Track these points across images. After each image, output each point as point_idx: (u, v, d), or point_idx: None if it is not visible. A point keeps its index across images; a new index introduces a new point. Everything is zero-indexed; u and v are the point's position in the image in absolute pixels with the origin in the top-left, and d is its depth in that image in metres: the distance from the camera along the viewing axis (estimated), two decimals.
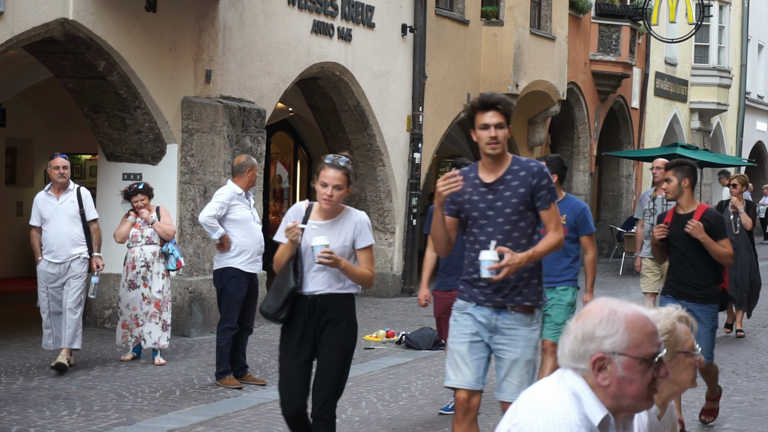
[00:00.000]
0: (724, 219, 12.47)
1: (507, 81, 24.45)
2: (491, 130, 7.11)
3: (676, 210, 10.14)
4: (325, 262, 7.43)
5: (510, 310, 7.17)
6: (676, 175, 9.97)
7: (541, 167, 7.22)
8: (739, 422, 10.93)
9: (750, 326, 18.27)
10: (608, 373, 3.57)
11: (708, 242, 9.77)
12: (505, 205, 7.14)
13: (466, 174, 7.30)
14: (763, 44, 47.24)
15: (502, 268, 6.91)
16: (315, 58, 19.07)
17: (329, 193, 7.62)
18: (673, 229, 10.02)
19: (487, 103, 7.14)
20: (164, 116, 15.74)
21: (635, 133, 34.55)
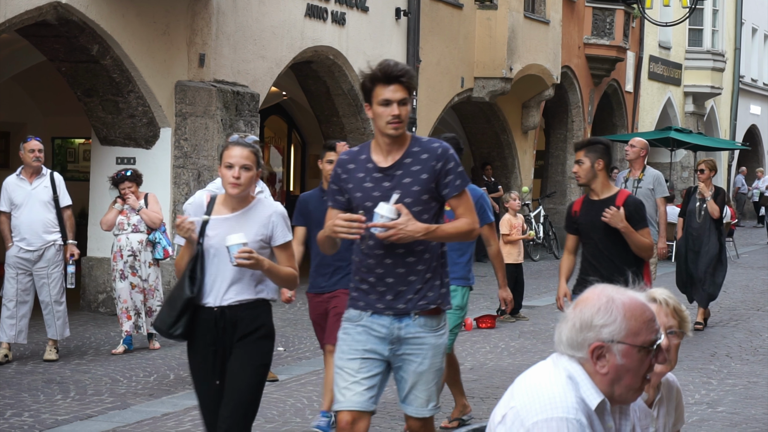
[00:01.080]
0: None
1: (501, 65, 24.42)
2: (393, 107, 5.98)
3: (589, 196, 9.13)
4: (245, 264, 6.36)
5: (414, 316, 6.14)
6: (588, 156, 8.92)
7: (446, 148, 6.14)
8: (732, 405, 10.94)
9: (743, 310, 18.31)
10: (606, 361, 3.57)
11: (629, 232, 8.86)
12: (404, 193, 6.05)
13: (356, 156, 6.26)
14: (757, 28, 47.24)
15: (392, 228, 5.89)
16: (309, 41, 19.04)
17: (236, 175, 6.50)
18: (586, 218, 9.07)
19: (391, 74, 6.00)
20: (158, 100, 15.72)
21: (629, 117, 34.55)
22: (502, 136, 27.66)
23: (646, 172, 14.44)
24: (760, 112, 48.14)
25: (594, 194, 9.04)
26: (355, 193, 6.15)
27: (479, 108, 26.50)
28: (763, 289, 21.48)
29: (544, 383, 3.57)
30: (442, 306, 6.21)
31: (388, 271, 6.12)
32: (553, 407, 3.47)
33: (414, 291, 6.12)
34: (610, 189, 9.05)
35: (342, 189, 6.22)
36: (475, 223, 6.22)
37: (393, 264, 6.11)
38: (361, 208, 6.10)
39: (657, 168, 39.31)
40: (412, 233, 5.91)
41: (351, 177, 6.19)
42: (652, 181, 14.34)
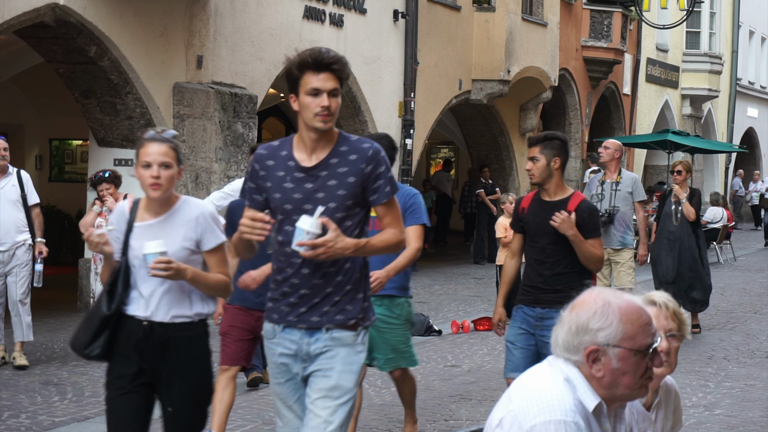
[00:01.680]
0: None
1: (499, 67, 24.43)
2: (323, 98, 5.38)
3: (540, 195, 8.24)
4: (161, 274, 5.72)
5: (326, 330, 5.50)
6: (544, 153, 8.05)
7: (377, 150, 5.51)
8: (730, 408, 10.94)
9: (741, 312, 18.31)
10: (602, 365, 3.57)
11: (578, 241, 7.96)
12: (328, 197, 5.44)
13: (276, 152, 5.61)
14: (754, 30, 47.27)
15: (319, 246, 5.28)
16: (306, 43, 19.01)
17: (155, 174, 5.87)
18: (534, 219, 8.19)
19: (322, 61, 5.42)
20: (155, 102, 15.71)
21: (627, 119, 34.56)
22: (500, 138, 27.66)
23: (623, 174, 14.00)
24: (757, 115, 48.15)
25: (546, 194, 8.18)
26: (274, 194, 5.54)
27: (477, 110, 26.50)
28: (760, 292, 21.48)
29: (541, 386, 3.57)
30: (362, 322, 5.57)
31: (304, 281, 5.52)
32: (551, 410, 3.48)
33: (331, 304, 5.51)
34: (564, 190, 8.18)
35: (259, 187, 5.60)
36: (402, 234, 5.65)
37: (310, 274, 5.50)
38: (279, 211, 5.53)
39: (655, 171, 39.47)
40: (342, 250, 5.33)
41: (269, 175, 5.56)
42: (630, 184, 13.94)
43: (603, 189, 13.84)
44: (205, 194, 16.02)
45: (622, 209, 13.73)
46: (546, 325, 7.85)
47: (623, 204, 13.74)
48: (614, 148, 14.03)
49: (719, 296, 20.60)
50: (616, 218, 13.69)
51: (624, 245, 13.79)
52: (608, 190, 13.79)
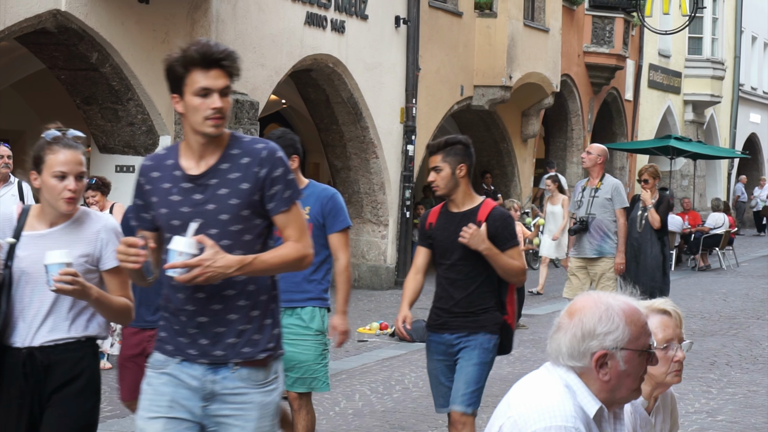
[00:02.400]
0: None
1: (501, 73, 24.43)
2: (214, 99, 4.66)
3: (448, 207, 7.40)
4: (66, 289, 4.94)
5: (233, 366, 4.76)
6: (447, 161, 7.23)
7: (273, 150, 4.76)
8: (732, 414, 10.92)
9: (743, 318, 18.28)
10: (609, 369, 3.57)
11: (493, 255, 7.13)
12: (219, 208, 4.71)
13: (161, 161, 4.86)
14: (756, 36, 47.26)
15: (195, 267, 4.54)
16: (308, 50, 19.04)
17: (72, 188, 5.18)
18: (442, 234, 7.35)
19: (211, 57, 4.70)
20: (157, 108, 15.72)
21: (629, 125, 34.57)
22: (502, 144, 27.66)
23: (604, 180, 13.37)
24: (759, 121, 48.13)
25: (453, 205, 7.35)
26: (160, 209, 4.79)
27: (479, 116, 26.50)
28: (762, 298, 21.46)
29: (541, 392, 3.57)
30: (274, 353, 4.84)
31: (200, 307, 4.75)
32: (551, 416, 3.47)
33: (236, 333, 4.75)
34: (472, 199, 7.34)
35: (147, 204, 4.85)
36: (307, 248, 4.81)
37: (207, 299, 4.73)
38: (166, 229, 4.77)
39: None
40: (223, 270, 4.56)
41: (155, 188, 4.81)
42: (610, 190, 13.30)
43: (583, 195, 13.41)
44: None
45: (599, 216, 13.21)
46: (456, 351, 7.30)
47: (601, 211, 13.21)
48: (597, 153, 13.44)
49: (722, 302, 20.60)
50: (591, 226, 13.23)
51: (601, 254, 13.27)
52: (587, 196, 13.32)
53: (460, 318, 7.28)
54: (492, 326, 7.28)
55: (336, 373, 12.49)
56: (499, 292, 7.36)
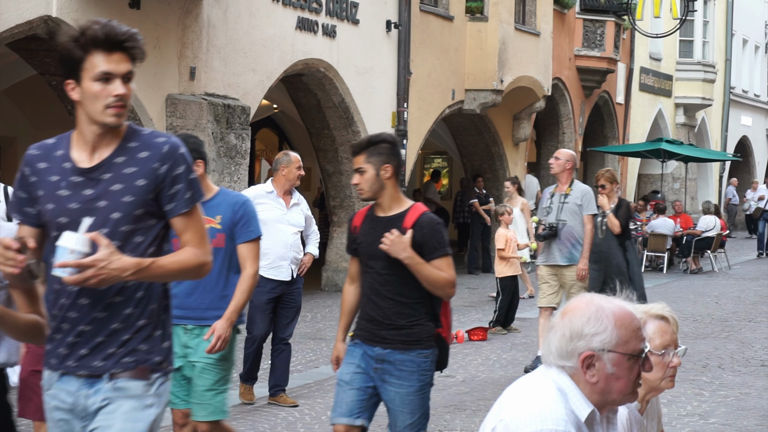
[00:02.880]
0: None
1: (492, 77, 24.45)
2: (116, 85, 4.24)
3: (374, 211, 6.79)
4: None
5: (110, 377, 4.28)
6: (370, 162, 6.60)
7: (175, 146, 4.34)
8: (725, 417, 10.93)
9: (735, 321, 18.30)
10: (597, 370, 3.57)
11: (415, 264, 6.50)
12: (111, 206, 4.26)
13: (50, 152, 4.40)
14: (747, 39, 47.34)
15: (88, 268, 4.09)
16: (299, 54, 19.05)
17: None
18: (366, 239, 6.73)
19: (115, 38, 4.25)
20: (148, 113, 15.71)
21: (620, 129, 34.60)
22: (493, 148, 27.68)
23: (573, 186, 13.14)
24: (751, 123, 48.20)
25: (380, 209, 6.73)
26: (46, 204, 4.32)
27: (470, 120, 26.51)
28: (754, 300, 21.49)
29: (533, 395, 3.57)
30: (159, 366, 4.37)
31: (83, 315, 4.29)
32: (542, 419, 3.48)
33: (118, 344, 4.28)
34: (400, 203, 6.70)
35: (31, 197, 4.36)
36: (206, 255, 4.40)
37: (90, 305, 4.28)
38: (53, 227, 4.30)
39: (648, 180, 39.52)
40: (118, 272, 4.11)
41: (41, 181, 4.34)
42: (580, 196, 13.06)
43: (552, 201, 13.14)
44: None
45: (569, 223, 12.97)
46: (386, 369, 6.65)
47: (571, 217, 12.98)
48: (565, 159, 13.22)
49: (714, 305, 20.62)
50: (562, 233, 12.97)
51: (571, 261, 13.00)
52: (556, 202, 13.06)
53: (392, 331, 6.63)
54: (427, 340, 6.64)
55: (328, 377, 12.48)
56: (431, 304, 6.68)
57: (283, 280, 10.89)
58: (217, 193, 7.21)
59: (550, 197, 13.19)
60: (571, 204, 13.01)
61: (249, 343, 11.11)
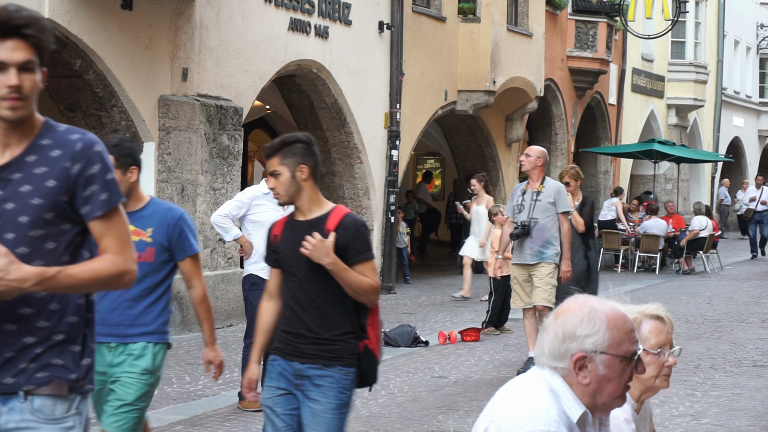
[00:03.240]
0: None
1: (484, 78, 24.47)
2: (10, 75, 3.87)
3: (293, 216, 6.34)
4: None
5: (24, 396, 3.91)
6: (285, 164, 6.21)
7: (89, 143, 3.94)
8: (717, 417, 10.95)
9: (727, 321, 18.32)
10: (589, 372, 3.58)
11: (338, 270, 6.06)
12: (18, 208, 3.88)
13: None
14: (739, 40, 47.41)
15: None
16: (292, 55, 19.05)
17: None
18: (287, 246, 6.24)
19: (8, 23, 3.83)
20: (141, 114, 15.70)
21: (612, 130, 34.64)
22: (486, 148, 27.69)
23: (545, 183, 12.97)
24: (742, 124, 48.27)
25: (299, 213, 6.29)
26: None
27: (463, 121, 26.53)
28: (746, 301, 21.52)
29: (525, 396, 3.58)
30: (78, 385, 3.98)
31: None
32: (534, 420, 3.48)
33: (30, 358, 3.90)
34: (321, 205, 6.28)
35: None
36: (127, 263, 3.96)
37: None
38: None
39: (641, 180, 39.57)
40: (18, 283, 3.71)
41: None
42: (552, 193, 12.88)
43: (523, 199, 12.91)
44: (192, 207, 16.01)
45: (541, 221, 12.81)
46: (305, 385, 6.17)
47: (543, 215, 12.81)
48: (536, 155, 13.01)
49: (706, 305, 20.65)
50: (534, 231, 12.79)
51: (541, 260, 12.81)
52: (528, 200, 12.84)
53: (312, 345, 6.13)
54: (349, 357, 6.16)
55: None
56: (357, 314, 6.25)
57: None
58: (148, 203, 6.70)
59: (522, 194, 12.96)
60: (544, 202, 12.84)
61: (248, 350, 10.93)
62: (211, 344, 6.85)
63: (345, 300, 6.19)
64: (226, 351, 14.33)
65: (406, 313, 18.76)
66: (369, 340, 6.33)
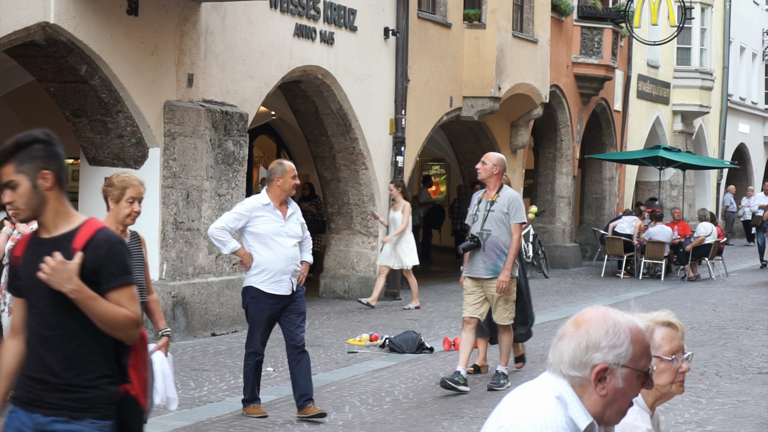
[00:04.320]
0: None
1: (489, 84, 24.46)
2: None
3: (38, 233, 5.09)
4: None
5: None
6: (23, 171, 4.95)
7: None
8: (722, 424, 10.93)
9: (733, 328, 18.30)
10: (607, 384, 3.58)
11: (84, 299, 4.84)
12: None
13: None
14: (745, 46, 47.39)
15: None
16: (297, 61, 19.05)
17: None
18: (28, 270, 4.99)
19: None
20: (146, 120, 15.71)
21: (618, 136, 34.62)
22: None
23: (501, 192, 12.18)
24: (748, 131, 48.24)
25: (44, 229, 5.05)
26: None
27: (468, 127, 26.53)
28: (752, 308, 21.49)
29: (533, 402, 3.57)
30: None
31: None
32: (542, 426, 3.48)
33: None
34: (69, 219, 5.02)
35: None
36: None
37: None
38: None
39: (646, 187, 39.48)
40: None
41: None
42: (507, 203, 12.11)
43: (478, 209, 12.21)
44: (197, 212, 16.02)
45: (494, 233, 12.15)
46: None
47: (497, 227, 12.14)
48: (493, 163, 12.20)
49: (711, 312, 20.62)
50: (486, 243, 12.15)
51: (495, 274, 12.18)
52: (482, 210, 12.13)
53: (58, 393, 4.87)
54: (104, 408, 4.90)
55: (326, 384, 12.50)
56: (116, 352, 5.00)
57: (284, 294, 10.67)
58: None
59: (477, 203, 12.28)
60: (497, 212, 12.16)
61: (249, 359, 10.86)
62: None
63: (99, 336, 4.91)
64: (230, 357, 14.34)
65: (410, 319, 18.75)
66: (131, 385, 5.08)
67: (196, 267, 16.12)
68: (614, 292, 24.36)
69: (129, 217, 8.07)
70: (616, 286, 25.86)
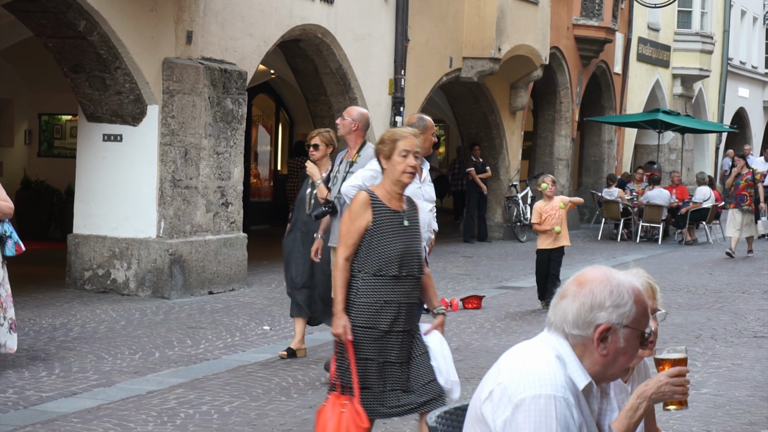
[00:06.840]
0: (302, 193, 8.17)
1: (489, 45, 24.38)
2: None
3: None
4: None
5: None
6: None
7: None
8: (716, 387, 10.97)
9: (729, 292, 18.33)
10: (609, 343, 3.60)
11: None
12: None
13: None
14: (746, 10, 47.26)
15: None
16: (297, 20, 18.98)
17: None
18: None
19: None
20: (145, 77, 15.66)
21: (617, 99, 34.57)
22: (491, 116, 27.64)
23: (362, 151, 10.27)
24: (748, 95, 48.18)
25: None
26: None
27: (467, 88, 26.46)
28: (748, 272, 21.53)
29: (532, 360, 3.58)
30: None
31: None
32: (541, 384, 3.49)
33: None
34: None
35: None
36: None
37: None
38: None
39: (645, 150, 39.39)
40: None
41: None
42: (367, 163, 9.24)
43: (338, 170, 10.39)
44: (195, 170, 15.99)
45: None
46: None
47: None
48: (352, 118, 10.42)
49: (708, 276, 20.66)
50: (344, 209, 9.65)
51: None
52: (342, 172, 10.21)
53: None
54: None
55: (325, 343, 12.49)
56: None
57: None
58: None
59: (339, 163, 10.53)
60: None
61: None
62: None
63: None
64: (227, 315, 14.36)
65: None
66: None
67: (194, 225, 16.11)
68: (611, 255, 24.40)
69: (405, 174, 7.07)
70: (613, 249, 25.89)
